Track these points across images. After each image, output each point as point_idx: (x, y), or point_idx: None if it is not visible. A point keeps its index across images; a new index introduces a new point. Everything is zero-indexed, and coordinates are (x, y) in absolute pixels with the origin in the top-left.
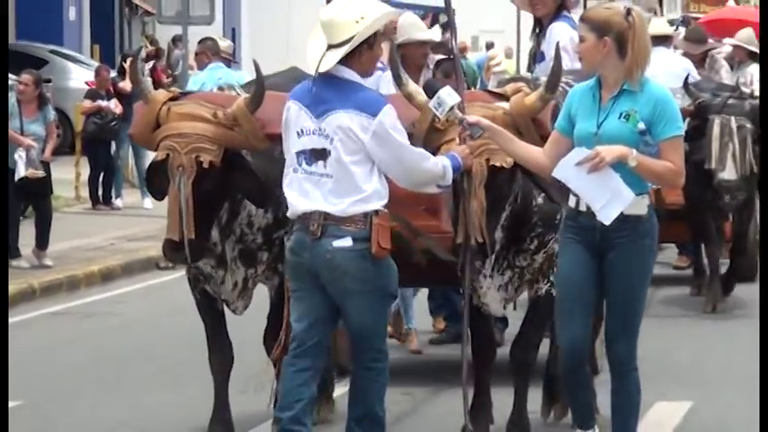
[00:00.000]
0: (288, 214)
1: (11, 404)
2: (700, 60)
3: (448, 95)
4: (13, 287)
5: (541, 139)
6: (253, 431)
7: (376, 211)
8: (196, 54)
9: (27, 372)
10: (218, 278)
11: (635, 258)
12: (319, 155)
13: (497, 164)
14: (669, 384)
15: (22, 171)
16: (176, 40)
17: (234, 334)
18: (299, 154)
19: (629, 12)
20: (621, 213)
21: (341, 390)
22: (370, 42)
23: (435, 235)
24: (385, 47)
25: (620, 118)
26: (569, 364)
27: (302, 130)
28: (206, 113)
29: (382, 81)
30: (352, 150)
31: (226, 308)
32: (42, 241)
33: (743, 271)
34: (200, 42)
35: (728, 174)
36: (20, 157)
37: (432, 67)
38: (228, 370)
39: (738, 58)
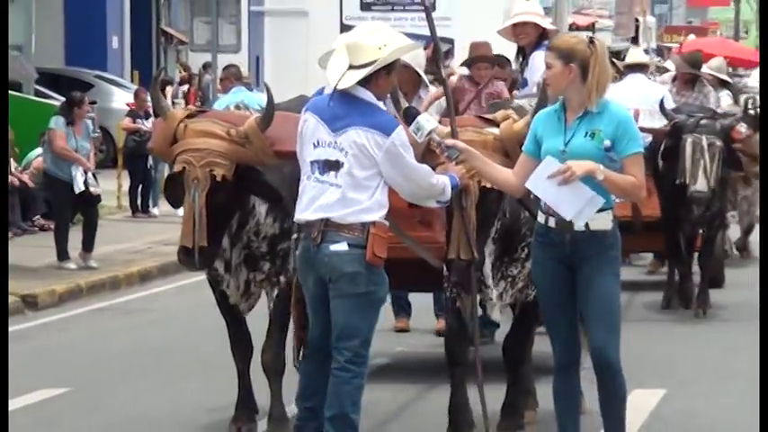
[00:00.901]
0: (294, 218)
1: (60, 391)
2: (687, 82)
3: (426, 121)
4: (62, 286)
5: None
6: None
7: (373, 222)
8: (221, 79)
9: (74, 361)
10: (225, 281)
11: (606, 269)
12: (332, 166)
13: (487, 185)
14: (645, 374)
15: (81, 185)
16: (207, 67)
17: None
18: (313, 163)
19: (591, 40)
20: (588, 229)
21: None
22: (389, 69)
23: (429, 245)
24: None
25: (585, 136)
26: (559, 376)
27: (318, 142)
28: (220, 131)
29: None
30: (365, 165)
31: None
32: (88, 245)
33: (711, 274)
34: (224, 69)
35: (700, 186)
36: (79, 173)
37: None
38: (249, 360)
39: (710, 85)
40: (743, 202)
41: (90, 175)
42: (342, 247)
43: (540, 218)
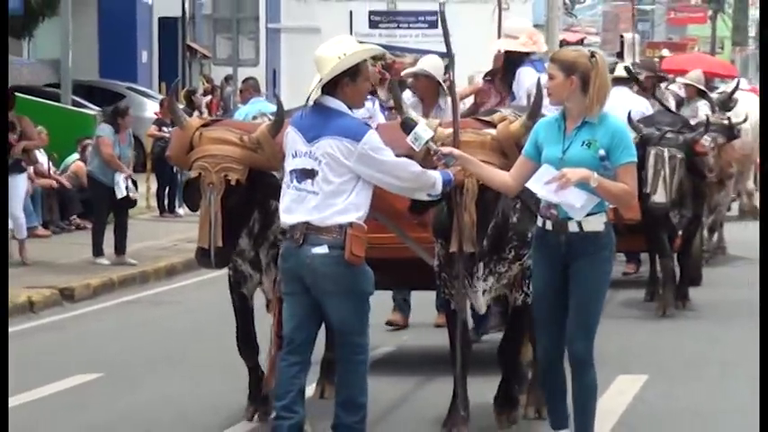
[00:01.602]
0: (279, 224)
1: (93, 376)
2: (650, 87)
3: (423, 131)
4: (96, 280)
5: None
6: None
7: (350, 223)
8: (241, 90)
9: (106, 349)
10: (255, 279)
11: (595, 267)
12: (308, 174)
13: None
14: (630, 361)
15: (123, 191)
16: (228, 79)
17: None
18: (291, 172)
19: (592, 54)
20: (582, 230)
21: None
22: (351, 76)
23: (426, 245)
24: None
25: (582, 145)
26: (547, 368)
27: (296, 152)
28: (233, 138)
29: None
30: (338, 172)
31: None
32: (120, 247)
33: (690, 273)
34: (244, 81)
35: (659, 197)
36: (122, 179)
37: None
38: (256, 357)
39: (688, 95)
40: (713, 204)
41: (130, 181)
42: (322, 249)
43: (539, 221)
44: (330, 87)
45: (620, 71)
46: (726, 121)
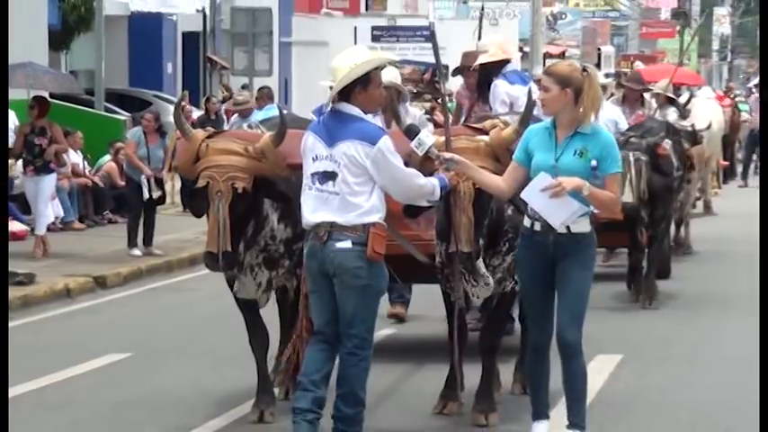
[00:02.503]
0: (303, 225)
1: (123, 355)
2: (638, 99)
3: (426, 137)
4: (126, 269)
5: None
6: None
7: (373, 223)
8: (256, 98)
9: (135, 331)
10: (242, 280)
11: (582, 264)
12: (329, 176)
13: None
14: (605, 342)
15: (147, 193)
16: (245, 87)
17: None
18: (313, 175)
19: (584, 68)
20: (570, 231)
21: None
22: (363, 84)
23: (416, 242)
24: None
25: (575, 154)
26: (534, 357)
27: (317, 156)
28: (238, 148)
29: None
30: (356, 173)
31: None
32: (148, 239)
33: (659, 267)
34: (259, 90)
35: (625, 197)
36: (143, 179)
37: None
38: (266, 348)
39: (659, 102)
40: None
41: (152, 180)
42: (346, 244)
43: (527, 222)
44: (345, 95)
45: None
46: (690, 128)
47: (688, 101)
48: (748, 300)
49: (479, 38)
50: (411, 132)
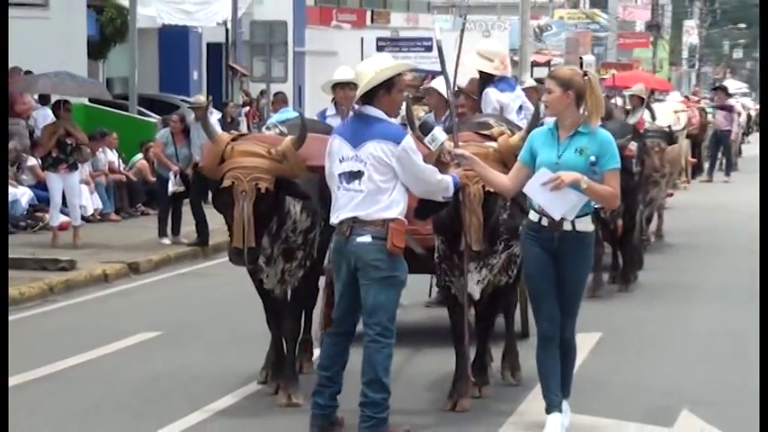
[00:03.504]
0: (331, 222)
1: (154, 334)
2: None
3: (440, 134)
4: (157, 256)
5: None
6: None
7: (393, 219)
8: (272, 102)
9: (165, 312)
10: (264, 272)
11: (581, 261)
12: (356, 175)
13: (490, 189)
14: (586, 321)
15: (171, 187)
16: (263, 93)
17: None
18: (340, 175)
19: (585, 73)
20: (574, 229)
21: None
22: (386, 88)
23: (414, 236)
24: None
25: (575, 152)
26: (544, 346)
27: (343, 157)
28: (261, 150)
29: None
30: (382, 172)
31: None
32: (176, 229)
33: (630, 259)
34: (274, 95)
35: None
36: (172, 175)
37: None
38: (281, 330)
39: (633, 104)
40: (648, 198)
41: (177, 176)
42: (367, 239)
43: (534, 217)
44: (368, 98)
45: (530, 82)
46: (666, 129)
47: (648, 106)
48: (714, 286)
49: (460, 48)
50: (426, 128)
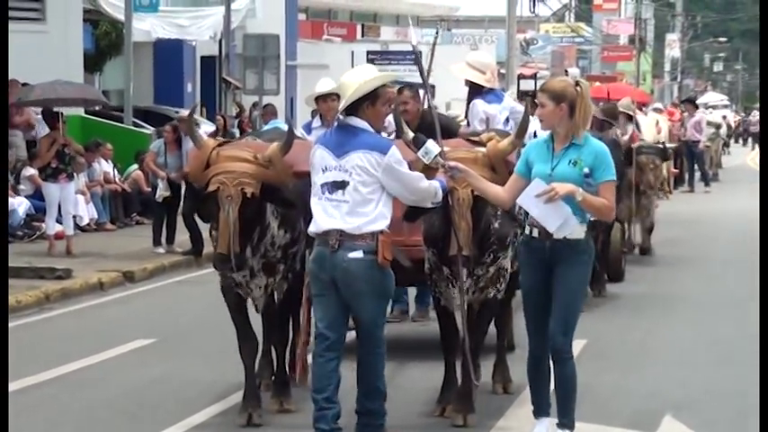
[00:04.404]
0: (309, 231)
1: (150, 341)
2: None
3: (433, 146)
4: (152, 264)
5: (509, 174)
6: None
7: (381, 231)
8: (263, 114)
9: (160, 320)
10: (250, 285)
11: (576, 271)
12: (339, 185)
13: (477, 193)
14: None
15: (158, 195)
16: (255, 105)
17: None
18: (323, 185)
19: (577, 83)
20: (566, 237)
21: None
22: (371, 100)
23: (401, 248)
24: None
25: (569, 164)
26: (534, 362)
27: (326, 167)
28: (247, 155)
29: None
30: (367, 182)
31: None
32: (170, 238)
33: (610, 272)
34: (264, 107)
35: None
36: (160, 182)
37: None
38: (255, 355)
39: (621, 121)
40: (642, 209)
41: (164, 180)
42: (358, 254)
43: (526, 229)
44: (353, 109)
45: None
46: (660, 145)
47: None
48: (693, 296)
49: (431, 60)
50: (418, 142)
